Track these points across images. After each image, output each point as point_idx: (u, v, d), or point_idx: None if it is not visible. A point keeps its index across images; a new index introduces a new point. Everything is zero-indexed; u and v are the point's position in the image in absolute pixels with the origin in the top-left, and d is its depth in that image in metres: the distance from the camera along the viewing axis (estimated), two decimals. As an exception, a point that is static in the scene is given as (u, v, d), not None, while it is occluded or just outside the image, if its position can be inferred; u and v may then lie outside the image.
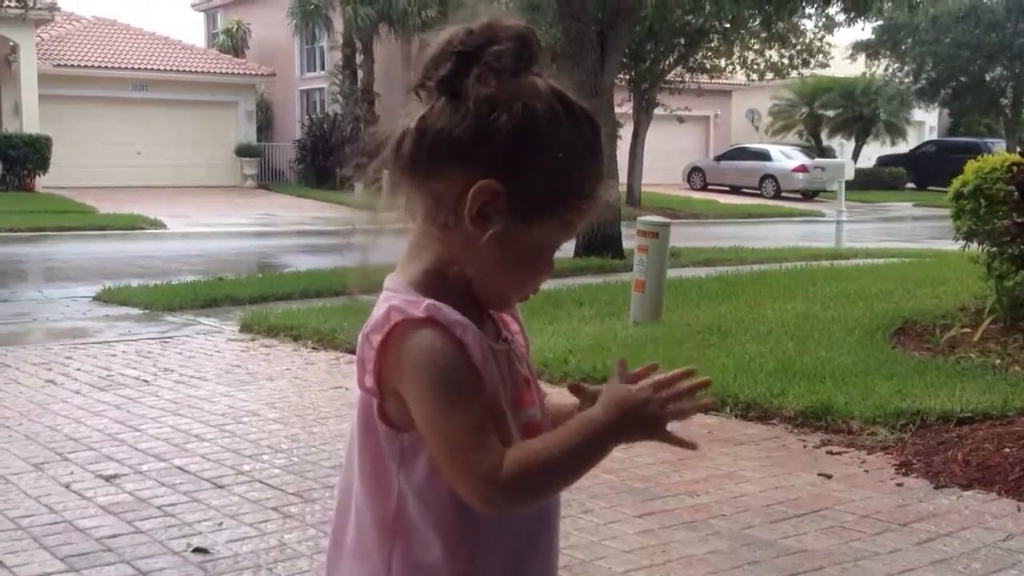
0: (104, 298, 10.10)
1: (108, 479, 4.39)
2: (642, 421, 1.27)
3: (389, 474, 1.28)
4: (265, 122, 36.00)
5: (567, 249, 13.50)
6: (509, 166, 1.22)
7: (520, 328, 1.41)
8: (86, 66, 30.10)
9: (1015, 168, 6.83)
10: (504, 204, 1.22)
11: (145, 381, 6.40)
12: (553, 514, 1.39)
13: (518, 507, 1.25)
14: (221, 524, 3.85)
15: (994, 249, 7.60)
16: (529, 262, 1.29)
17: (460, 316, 1.23)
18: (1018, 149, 7.63)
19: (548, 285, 10.04)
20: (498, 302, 1.33)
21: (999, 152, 10.22)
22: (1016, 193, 6.78)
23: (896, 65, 39.37)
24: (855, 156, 36.04)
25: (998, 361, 6.29)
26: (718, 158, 37.20)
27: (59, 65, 29.33)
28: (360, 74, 31.75)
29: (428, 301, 1.23)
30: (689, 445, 1.32)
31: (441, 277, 1.27)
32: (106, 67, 30.44)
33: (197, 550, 3.58)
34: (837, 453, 4.79)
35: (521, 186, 1.23)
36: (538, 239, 1.27)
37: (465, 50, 1.24)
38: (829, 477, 4.44)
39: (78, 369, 6.77)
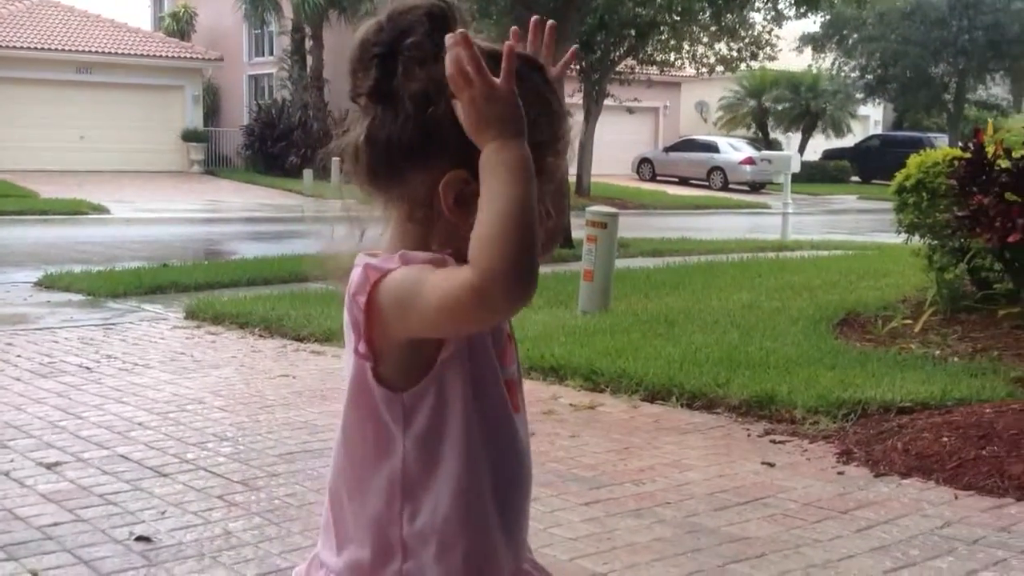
0: (46, 284, 9.94)
1: (49, 467, 4.33)
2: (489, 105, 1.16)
3: (393, 437, 1.28)
4: (212, 107, 35.59)
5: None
6: (465, 151, 1.20)
7: (509, 325, 1.43)
8: (28, 48, 29.54)
9: (957, 163, 6.94)
10: (477, 185, 1.21)
11: (88, 368, 6.32)
12: (529, 459, 1.41)
13: (515, 276, 1.14)
14: (164, 512, 3.81)
15: (935, 242, 7.74)
16: None
17: (433, 254, 1.24)
18: (960, 144, 7.75)
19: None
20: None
21: (941, 147, 10.39)
22: (957, 187, 6.89)
23: (842, 59, 39.83)
24: (801, 149, 36.48)
25: (938, 352, 6.41)
26: (667, 149, 37.39)
27: (1, 47, 28.76)
28: (310, 60, 31.49)
29: (401, 252, 1.24)
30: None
31: (425, 247, 1.27)
32: (49, 49, 29.89)
33: (140, 539, 3.54)
34: (780, 442, 4.86)
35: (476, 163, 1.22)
36: None
37: (383, 51, 1.24)
38: (772, 465, 4.50)
39: (19, 356, 6.66)
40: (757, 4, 20.79)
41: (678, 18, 25.38)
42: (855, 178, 39.03)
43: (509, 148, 1.16)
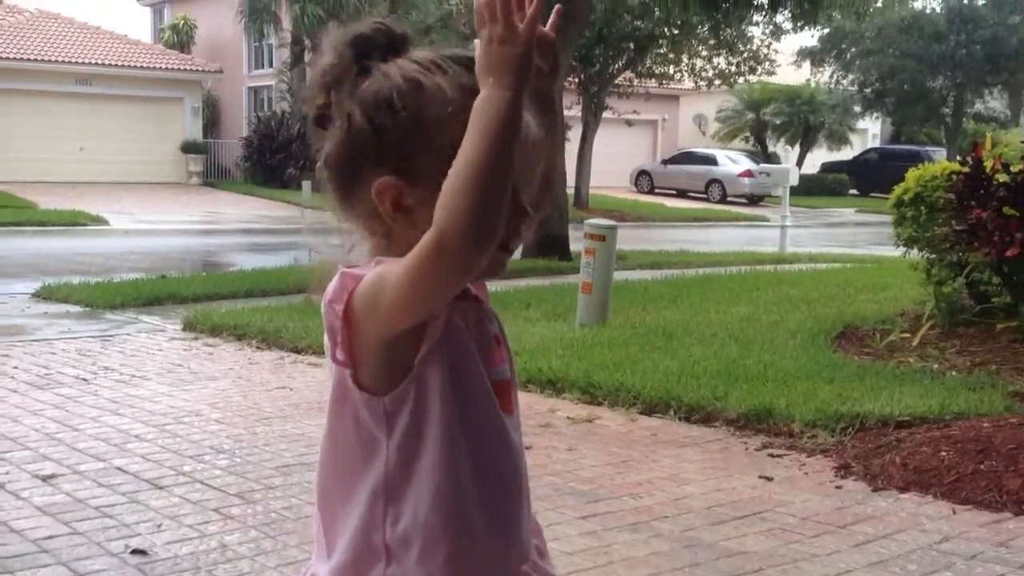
0: (44, 295, 9.93)
1: (45, 479, 4.32)
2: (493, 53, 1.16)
3: (377, 442, 1.29)
4: (211, 119, 35.62)
5: (515, 251, 13.50)
6: (391, 158, 1.26)
7: (499, 326, 1.43)
8: (28, 59, 29.57)
9: (955, 177, 6.95)
10: (407, 188, 1.26)
11: (85, 380, 6.31)
12: (521, 454, 1.40)
13: (473, 231, 1.13)
14: (160, 526, 3.80)
15: (933, 256, 7.74)
16: None
17: None
18: (958, 158, 7.77)
19: (494, 287, 10.05)
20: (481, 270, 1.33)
21: (940, 160, 10.41)
22: (956, 201, 6.90)
23: (841, 73, 39.92)
24: (799, 162, 36.52)
25: (936, 366, 6.40)
26: (665, 162, 37.44)
27: (1, 58, 28.79)
28: (309, 72, 31.49)
29: (377, 258, 1.27)
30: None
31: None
32: (49, 61, 29.93)
33: (136, 552, 3.53)
34: (778, 456, 4.85)
35: (409, 168, 1.26)
36: None
37: (327, 80, 1.32)
38: (770, 479, 4.49)
39: (16, 367, 6.65)
40: (756, 19, 20.82)
41: (677, 32, 25.47)
42: (853, 191, 39.09)
43: (495, 100, 1.15)
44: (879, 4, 23.97)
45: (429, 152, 1.25)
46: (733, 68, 28.65)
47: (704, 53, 28.26)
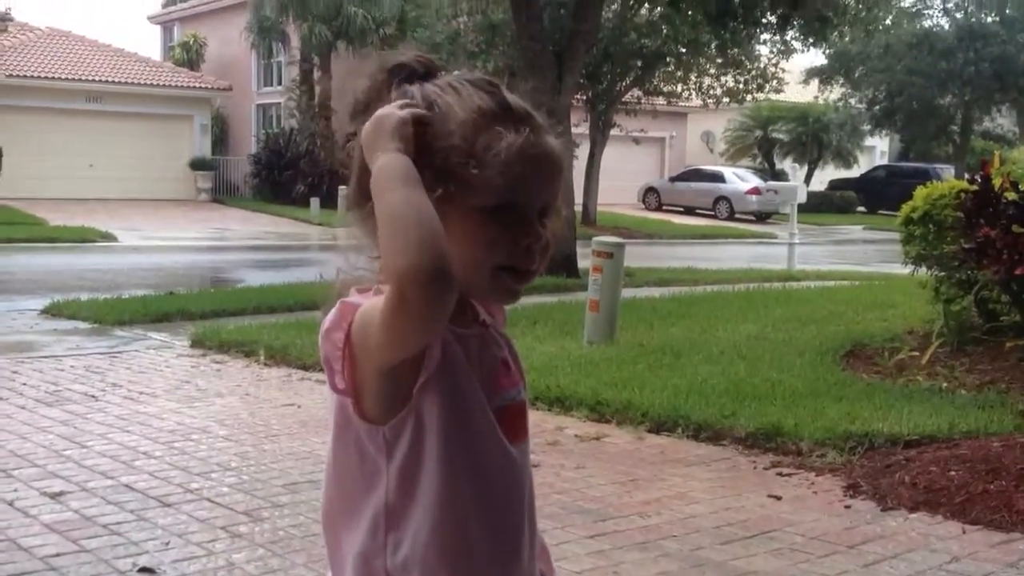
0: (52, 312, 9.96)
1: (53, 497, 4.32)
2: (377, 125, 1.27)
3: (379, 469, 1.30)
4: (220, 136, 35.75)
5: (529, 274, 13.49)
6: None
7: (503, 319, 1.44)
8: (39, 77, 29.73)
9: (963, 195, 6.94)
10: None
11: (93, 397, 6.32)
12: (526, 483, 1.39)
13: (417, 271, 1.15)
14: (168, 543, 3.80)
15: (942, 274, 7.72)
16: (487, 234, 1.28)
17: None
18: (966, 175, 7.76)
19: (503, 304, 10.06)
20: (489, 291, 1.33)
21: (948, 178, 10.39)
22: (964, 219, 6.89)
23: (849, 91, 39.93)
24: (807, 179, 36.44)
25: (945, 384, 6.38)
26: (673, 179, 37.45)
27: (12, 76, 28.96)
28: (317, 90, 31.66)
29: (375, 287, 1.28)
30: None
31: None
32: (60, 78, 30.09)
33: (143, 570, 3.53)
34: (787, 475, 4.83)
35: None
36: (476, 207, 1.27)
37: (358, 106, 1.36)
38: (779, 499, 4.47)
39: (24, 384, 6.66)
40: (763, 37, 20.87)
41: (684, 50, 25.50)
42: (861, 209, 39.05)
43: (377, 162, 1.24)
44: (888, 22, 24.01)
45: (435, 169, 1.26)
46: (741, 86, 28.68)
47: (712, 71, 28.31)
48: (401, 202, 1.19)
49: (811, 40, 18.64)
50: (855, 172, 40.78)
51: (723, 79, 28.69)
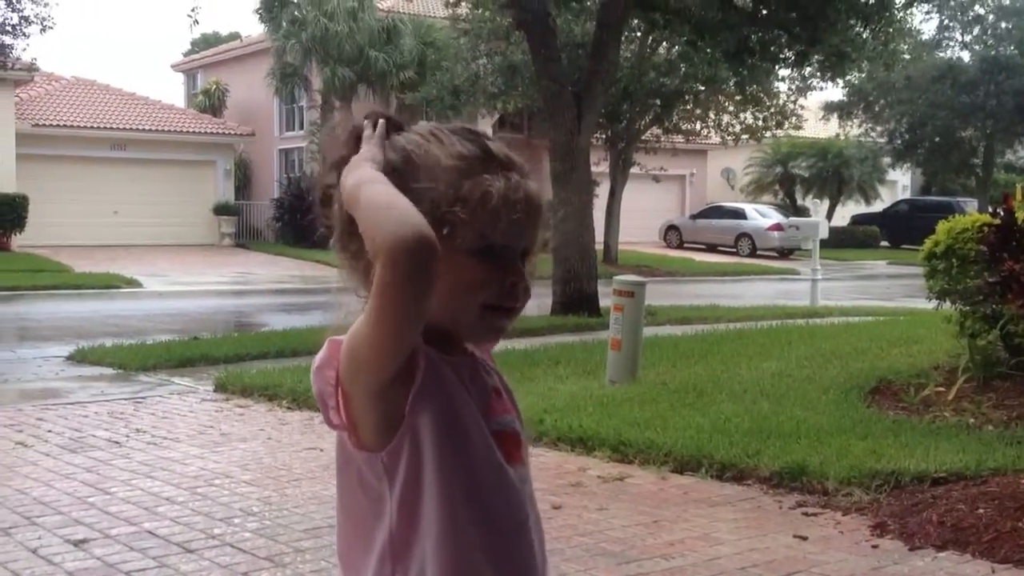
0: (78, 358, 10.02)
1: (77, 544, 4.33)
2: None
3: (383, 498, 1.32)
4: (243, 181, 36.04)
5: (544, 307, 13.52)
6: None
7: (500, 378, 1.45)
8: (64, 126, 30.12)
9: (986, 229, 6.90)
10: None
11: (117, 443, 6.34)
12: (529, 507, 1.40)
13: (413, 236, 1.20)
14: (190, 590, 3.79)
15: (967, 308, 7.67)
16: (472, 275, 1.32)
17: None
18: (990, 209, 7.72)
19: (524, 343, 10.03)
20: (473, 331, 1.37)
21: (971, 211, 10.34)
22: (987, 253, 6.84)
23: (869, 125, 39.91)
24: (829, 215, 36.39)
25: (972, 420, 6.32)
26: (694, 216, 37.45)
27: (37, 125, 29.35)
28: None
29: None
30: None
31: None
32: (84, 127, 30.47)
33: (165, 617, 3.52)
34: (812, 514, 4.78)
35: None
36: (461, 250, 1.31)
37: (334, 160, 1.41)
38: (804, 539, 4.42)
39: (49, 431, 6.69)
40: (782, 73, 20.94)
41: (703, 88, 25.60)
42: (884, 243, 38.89)
43: (349, 179, 1.31)
44: (906, 56, 24.03)
45: (424, 216, 1.27)
46: (760, 123, 28.74)
47: (731, 108, 28.39)
48: (376, 192, 1.26)
49: (829, 76, 18.67)
50: (877, 207, 40.66)
51: (742, 116, 28.77)
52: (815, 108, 35.93)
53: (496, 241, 1.33)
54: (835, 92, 39.28)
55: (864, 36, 15.68)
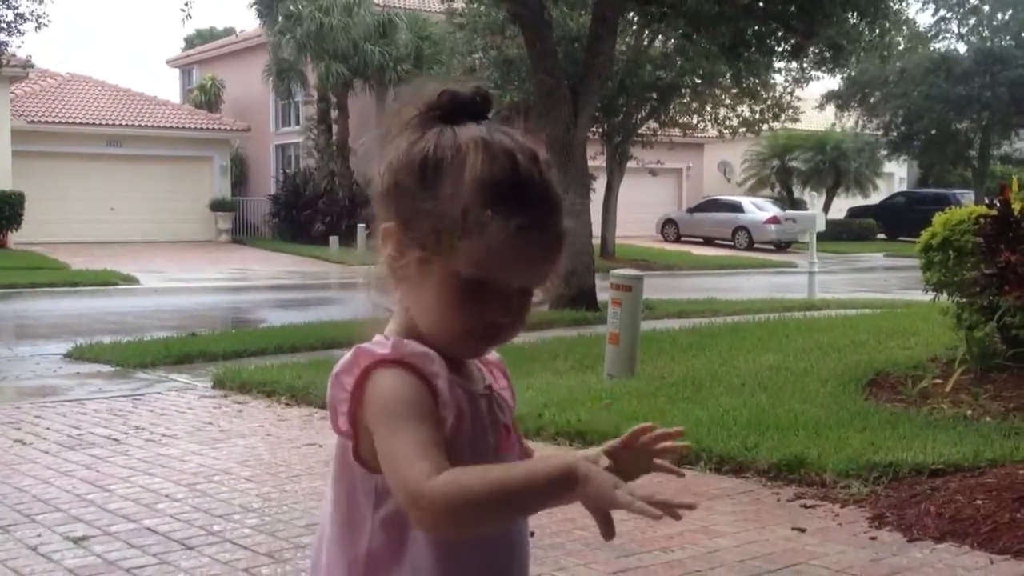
0: (75, 355, 10.02)
1: (76, 541, 4.33)
2: (599, 494, 1.20)
3: (363, 515, 1.31)
4: (240, 177, 36.02)
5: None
6: (397, 213, 1.31)
7: (507, 383, 1.46)
8: (60, 122, 30.09)
9: (982, 220, 6.91)
10: (404, 239, 1.30)
11: (115, 440, 6.34)
12: (521, 552, 1.40)
13: (443, 527, 1.22)
14: (190, 586, 3.80)
15: (963, 300, 7.67)
16: (458, 301, 1.29)
17: (424, 348, 1.29)
18: (986, 200, 7.73)
19: (522, 338, 10.04)
20: (453, 349, 1.34)
21: (967, 203, 10.35)
22: (984, 245, 6.85)
23: (865, 117, 39.91)
24: (826, 208, 36.44)
25: (969, 412, 6.32)
26: (691, 210, 37.47)
27: (33, 121, 29.32)
28: (335, 129, 31.90)
29: (394, 338, 1.30)
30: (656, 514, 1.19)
31: (414, 329, 1.34)
32: (80, 123, 30.44)
33: (166, 613, 3.52)
34: (811, 506, 4.79)
35: (408, 226, 1.30)
36: (455, 272, 1.28)
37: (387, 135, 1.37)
38: (803, 531, 4.43)
39: (47, 428, 6.69)
40: (778, 66, 20.92)
41: (699, 81, 25.58)
42: (881, 236, 38.92)
43: (556, 497, 1.22)
44: (901, 47, 24.03)
45: (424, 231, 1.29)
46: (757, 116, 28.73)
47: (727, 101, 28.37)
48: (511, 501, 1.22)
49: (825, 68, 18.67)
50: (874, 199, 40.69)
51: (739, 109, 28.75)
52: (812, 99, 35.90)
53: (490, 277, 1.29)
54: (832, 82, 39.24)
55: (860, 28, 15.68)
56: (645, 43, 25.31)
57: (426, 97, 1.33)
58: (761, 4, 15.12)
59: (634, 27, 23.84)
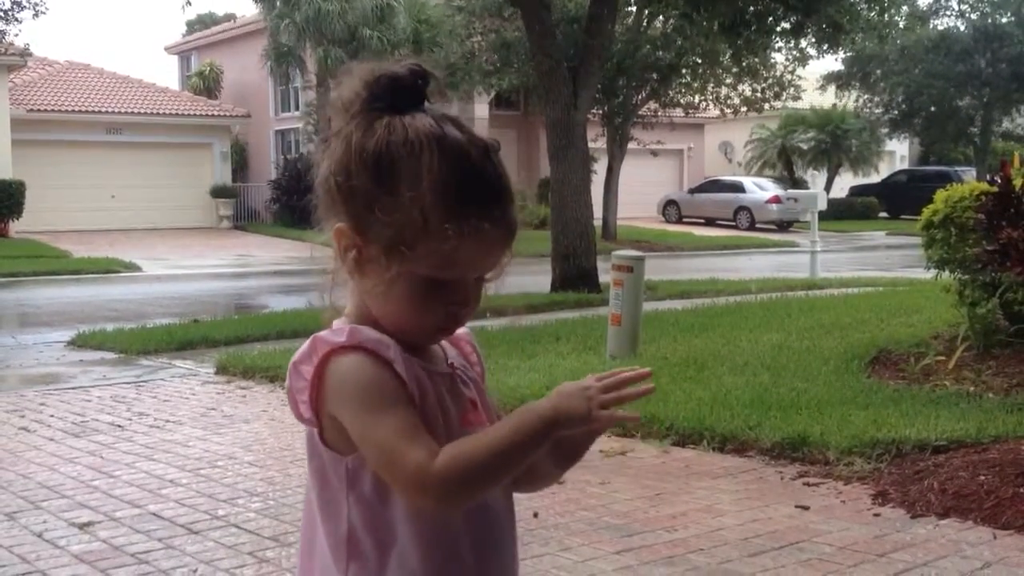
0: (78, 343, 10.03)
1: (82, 527, 4.35)
2: (574, 409, 1.30)
3: (339, 499, 1.33)
4: (240, 163, 35.98)
5: (543, 284, 13.53)
6: (350, 214, 1.32)
7: (478, 357, 1.49)
8: (59, 110, 30.05)
9: (983, 197, 6.89)
10: (362, 241, 1.31)
11: (119, 426, 6.35)
12: (502, 527, 1.40)
13: (457, 500, 1.27)
14: (196, 571, 3.81)
15: (965, 277, 7.66)
16: (419, 299, 1.31)
17: (379, 335, 1.30)
18: (987, 177, 7.70)
19: (525, 320, 10.02)
20: (412, 338, 1.35)
21: (969, 180, 10.33)
22: (985, 221, 6.83)
23: (867, 96, 39.79)
24: (828, 187, 36.34)
25: (972, 388, 6.33)
26: (692, 191, 37.41)
27: (32, 110, 29.27)
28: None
29: (350, 326, 1.31)
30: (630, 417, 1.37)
31: (369, 316, 1.35)
32: (79, 111, 30.38)
33: (172, 598, 3.54)
34: (814, 484, 4.80)
35: (362, 227, 1.31)
36: (414, 272, 1.29)
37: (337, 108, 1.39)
38: (806, 509, 4.44)
39: (52, 415, 6.71)
40: (778, 44, 20.84)
41: (699, 60, 25.49)
42: (883, 214, 38.86)
43: (546, 429, 1.28)
44: (901, 26, 23.94)
45: (385, 239, 1.29)
46: (758, 95, 28.64)
47: (728, 81, 28.29)
48: (510, 453, 1.27)
49: (825, 46, 18.61)
50: (876, 178, 40.61)
51: (740, 88, 28.67)
52: (813, 78, 35.79)
53: (450, 276, 1.31)
54: (833, 63, 39.12)
55: (859, 6, 15.62)
56: (644, 23, 25.23)
57: (365, 83, 1.32)
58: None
59: (633, 7, 23.78)
